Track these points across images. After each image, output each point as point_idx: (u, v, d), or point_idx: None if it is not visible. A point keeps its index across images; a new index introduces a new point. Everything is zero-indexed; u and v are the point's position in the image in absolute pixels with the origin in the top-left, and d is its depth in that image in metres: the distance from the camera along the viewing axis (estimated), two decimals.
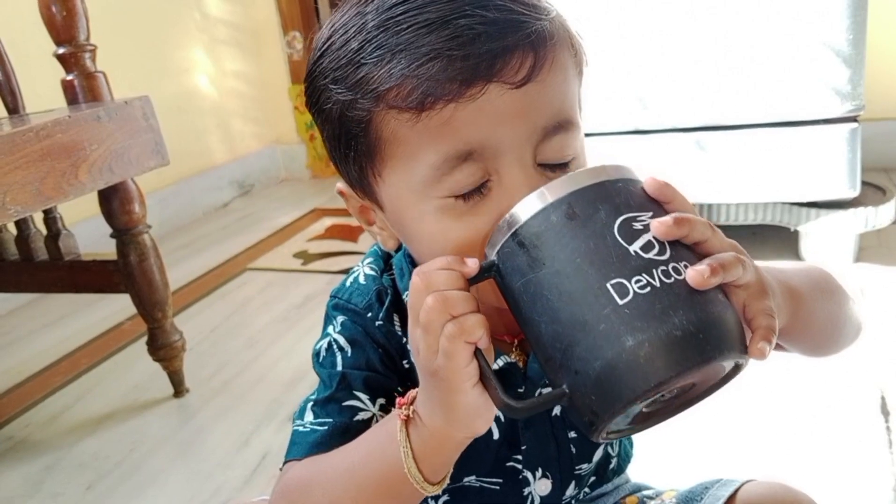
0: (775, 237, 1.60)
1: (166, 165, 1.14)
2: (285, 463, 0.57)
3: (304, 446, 0.56)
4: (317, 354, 0.60)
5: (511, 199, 0.45)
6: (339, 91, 0.49)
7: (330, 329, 0.60)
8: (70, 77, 1.14)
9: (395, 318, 0.58)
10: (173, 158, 1.17)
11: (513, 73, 0.45)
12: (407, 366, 0.58)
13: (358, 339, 0.58)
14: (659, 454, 0.70)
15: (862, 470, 0.90)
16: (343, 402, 0.56)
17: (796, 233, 1.52)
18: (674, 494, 0.67)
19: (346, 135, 0.50)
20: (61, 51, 1.13)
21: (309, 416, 0.58)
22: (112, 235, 1.20)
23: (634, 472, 0.70)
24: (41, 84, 1.42)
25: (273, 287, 1.78)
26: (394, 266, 0.61)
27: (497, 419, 0.58)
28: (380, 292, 0.59)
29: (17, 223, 1.32)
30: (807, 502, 0.58)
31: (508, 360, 0.57)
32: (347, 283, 0.61)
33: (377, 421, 0.55)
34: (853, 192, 1.41)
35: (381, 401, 0.56)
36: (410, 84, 0.45)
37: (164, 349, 1.25)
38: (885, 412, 1.02)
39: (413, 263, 0.58)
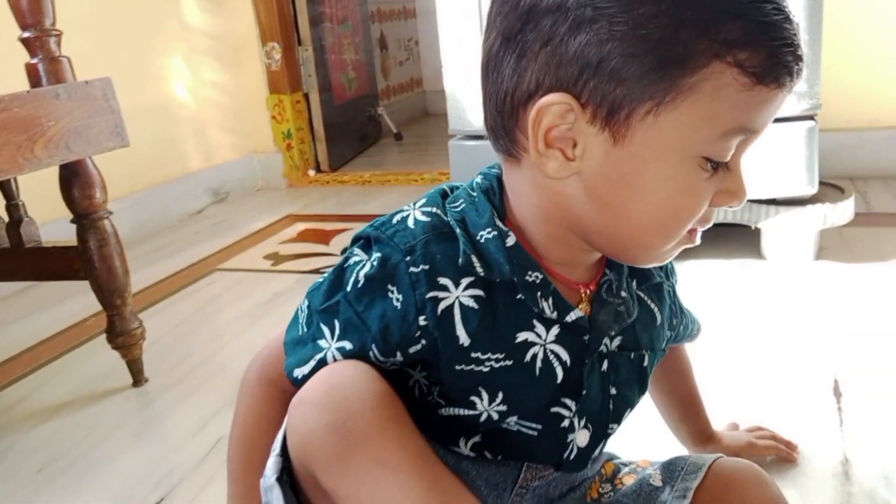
0: (738, 236, 1.62)
1: (126, 147, 1.14)
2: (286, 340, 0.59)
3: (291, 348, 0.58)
4: (357, 283, 0.54)
5: (736, 182, 0.53)
6: (686, 12, 0.45)
7: (355, 260, 0.55)
8: (34, 61, 1.13)
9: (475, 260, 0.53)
10: (148, 165, 1.18)
11: (795, 75, 0.49)
12: (423, 322, 0.52)
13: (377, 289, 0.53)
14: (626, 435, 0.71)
15: (814, 446, 0.92)
16: (316, 338, 0.55)
17: (758, 231, 1.54)
18: (649, 464, 0.69)
19: (660, 57, 0.45)
20: (26, 35, 1.13)
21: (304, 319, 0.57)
22: (72, 221, 1.19)
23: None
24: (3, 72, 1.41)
25: (241, 285, 1.77)
26: (461, 199, 0.56)
27: (563, 363, 0.56)
28: (427, 241, 0.53)
29: None
30: (766, 478, 0.63)
31: (578, 313, 0.56)
32: (394, 221, 0.55)
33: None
34: (811, 190, 1.43)
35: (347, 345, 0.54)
36: (765, 54, 0.46)
37: (122, 336, 1.24)
38: (837, 394, 1.03)
39: (497, 190, 0.56)
